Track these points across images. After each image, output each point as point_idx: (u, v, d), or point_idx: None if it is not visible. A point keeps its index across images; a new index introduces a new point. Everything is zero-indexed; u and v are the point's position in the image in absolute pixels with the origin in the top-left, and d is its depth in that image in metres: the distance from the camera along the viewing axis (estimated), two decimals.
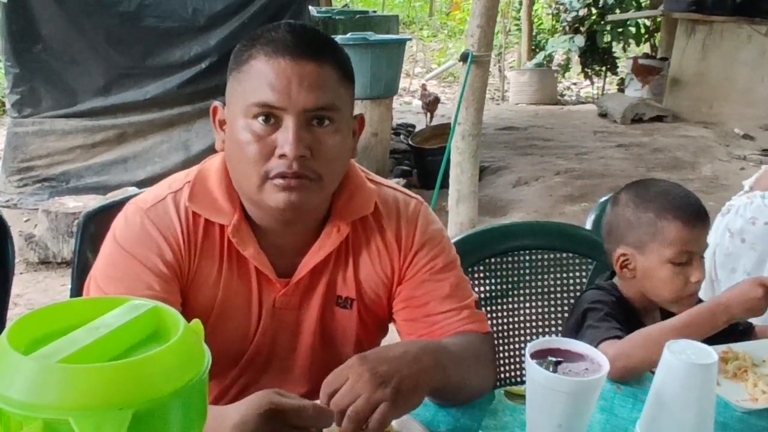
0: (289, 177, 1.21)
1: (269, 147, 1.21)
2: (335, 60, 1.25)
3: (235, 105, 1.24)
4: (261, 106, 1.20)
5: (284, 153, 1.19)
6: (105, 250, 1.32)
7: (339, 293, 1.39)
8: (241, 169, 1.25)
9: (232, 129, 1.25)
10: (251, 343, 1.39)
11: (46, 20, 5.32)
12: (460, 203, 4.44)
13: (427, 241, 1.40)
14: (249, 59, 1.23)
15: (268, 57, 1.21)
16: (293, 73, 1.19)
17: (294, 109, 1.20)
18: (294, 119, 1.20)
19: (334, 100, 1.23)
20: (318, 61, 1.21)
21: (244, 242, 1.31)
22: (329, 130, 1.24)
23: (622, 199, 1.61)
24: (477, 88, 4.30)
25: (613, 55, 10.71)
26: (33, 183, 5.45)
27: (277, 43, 1.21)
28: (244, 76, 1.23)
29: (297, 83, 1.19)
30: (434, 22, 16.65)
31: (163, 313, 0.86)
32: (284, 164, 1.20)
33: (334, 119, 1.24)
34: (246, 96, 1.22)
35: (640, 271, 1.57)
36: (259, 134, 1.21)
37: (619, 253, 1.59)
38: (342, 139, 1.26)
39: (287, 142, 1.19)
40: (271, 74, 1.20)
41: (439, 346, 1.27)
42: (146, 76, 5.47)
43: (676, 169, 6.07)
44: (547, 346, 1.22)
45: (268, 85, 1.20)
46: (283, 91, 1.19)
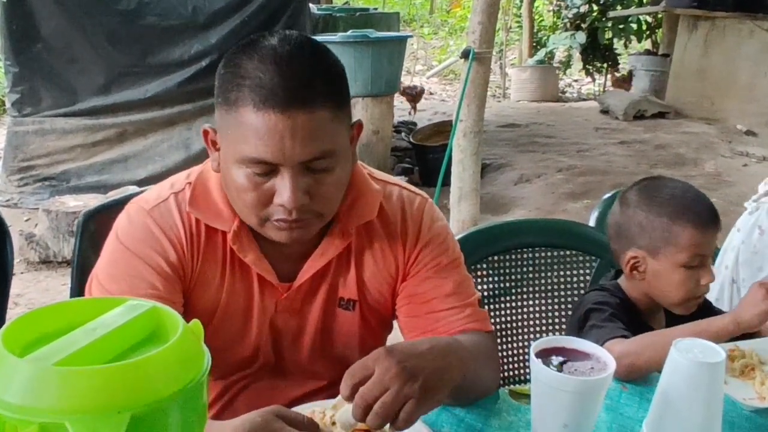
0: (289, 221, 1.20)
1: (267, 194, 1.18)
2: (329, 98, 1.16)
3: (227, 145, 1.19)
4: (254, 162, 1.16)
5: (283, 203, 1.17)
6: (107, 249, 1.30)
7: (341, 295, 1.38)
8: (239, 206, 1.24)
9: (226, 165, 1.21)
10: (253, 346, 1.37)
11: (46, 19, 5.31)
12: (462, 201, 4.43)
13: (431, 238, 1.38)
14: (237, 104, 1.15)
15: (257, 109, 1.13)
16: (285, 127, 1.12)
17: (289, 163, 1.15)
18: (289, 171, 1.16)
19: (330, 145, 1.18)
20: (310, 108, 1.13)
21: (245, 249, 1.29)
22: (327, 171, 1.20)
23: (632, 200, 1.59)
24: (478, 85, 4.28)
25: (614, 52, 10.70)
26: (33, 182, 5.44)
27: (266, 91, 1.12)
28: (234, 121, 1.16)
29: (290, 137, 1.13)
30: (435, 20, 16.63)
31: (161, 313, 0.85)
32: (284, 212, 1.18)
33: (332, 161, 1.20)
34: (237, 146, 1.16)
35: (650, 274, 1.56)
36: (256, 182, 1.18)
37: (630, 255, 1.56)
38: (340, 172, 1.23)
39: (285, 193, 1.16)
40: (263, 129, 1.13)
41: (459, 344, 1.25)
42: (146, 75, 5.46)
43: (679, 165, 6.05)
44: (553, 344, 1.21)
45: (259, 140, 1.13)
46: (275, 148, 1.13)
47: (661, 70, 8.94)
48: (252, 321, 1.35)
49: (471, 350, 1.27)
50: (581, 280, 1.94)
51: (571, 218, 4.70)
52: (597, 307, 1.52)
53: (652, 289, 1.57)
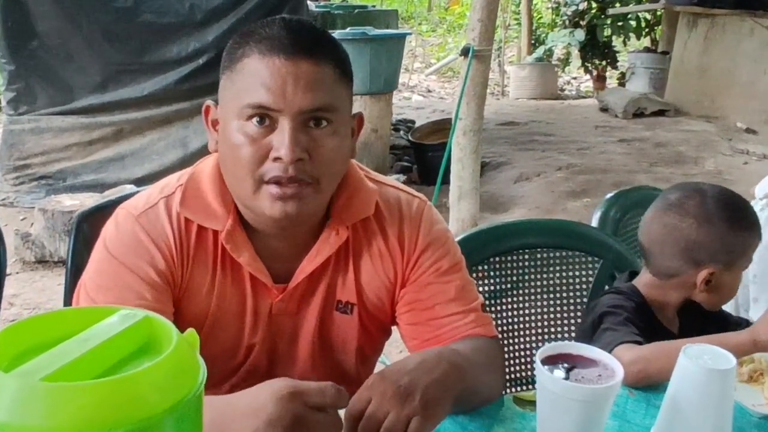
0: (284, 184, 1.16)
1: (264, 150, 1.16)
2: (333, 58, 1.19)
3: (228, 105, 1.19)
4: (255, 108, 1.15)
5: (279, 156, 1.14)
6: (95, 257, 1.27)
7: (339, 298, 1.34)
8: (234, 172, 1.20)
9: (225, 130, 1.20)
10: (248, 351, 1.34)
11: (42, 16, 5.27)
12: (462, 200, 4.40)
13: (431, 242, 1.35)
14: (242, 57, 1.17)
15: (262, 55, 1.15)
16: (289, 72, 1.14)
17: (290, 111, 1.14)
18: (290, 121, 1.14)
19: (332, 100, 1.18)
20: (315, 59, 1.15)
21: (239, 248, 1.26)
22: (327, 131, 1.18)
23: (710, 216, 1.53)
24: (478, 83, 4.26)
25: (613, 49, 10.68)
26: (29, 181, 5.40)
27: (272, 41, 1.15)
28: (237, 76, 1.17)
29: (293, 83, 1.13)
30: (433, 17, 16.61)
31: (155, 323, 0.82)
32: (280, 168, 1.15)
33: (332, 120, 1.19)
34: (239, 96, 1.16)
35: (720, 285, 1.55)
36: (253, 136, 1.16)
37: (707, 272, 1.52)
38: (340, 140, 1.21)
39: (283, 145, 1.14)
40: (266, 74, 1.14)
41: (453, 351, 1.22)
42: (143, 73, 5.42)
43: (679, 164, 6.03)
44: (558, 351, 1.18)
45: (262, 85, 1.14)
46: (278, 92, 1.13)
47: (661, 68, 8.92)
48: (245, 326, 1.31)
49: (469, 356, 1.24)
50: (583, 282, 1.92)
51: (570, 217, 4.69)
52: (612, 311, 1.50)
53: (713, 298, 1.57)
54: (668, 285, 1.58)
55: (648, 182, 5.36)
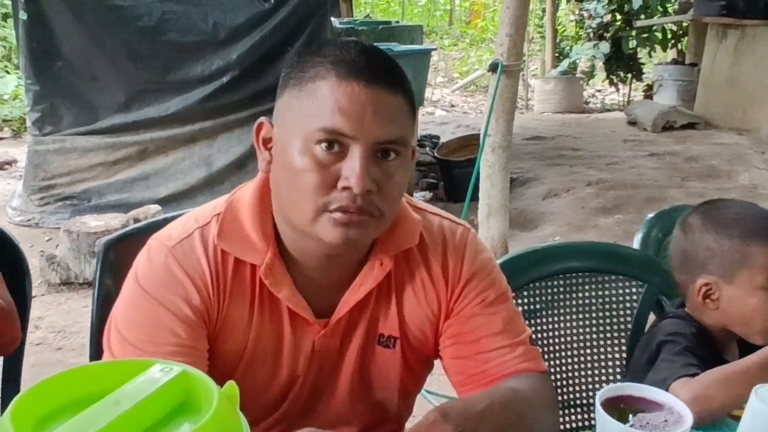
0: (351, 212, 1.09)
1: (332, 177, 1.09)
2: (406, 89, 1.14)
3: (293, 125, 1.12)
4: (329, 132, 1.08)
5: (349, 185, 1.07)
6: (126, 291, 1.20)
7: (381, 331, 1.28)
8: (293, 197, 1.13)
9: (285, 152, 1.13)
10: (287, 388, 1.27)
11: (66, 37, 5.29)
12: (491, 217, 4.32)
13: (476, 272, 1.28)
14: (315, 78, 1.10)
15: (340, 79, 1.08)
16: (368, 100, 1.08)
17: (365, 140, 1.08)
18: (363, 150, 1.08)
19: (404, 132, 1.12)
20: (392, 89, 1.11)
21: (278, 283, 1.19)
22: (396, 164, 1.12)
23: (696, 224, 1.48)
24: (507, 99, 4.19)
25: (638, 62, 10.58)
26: (54, 201, 5.40)
27: (350, 65, 1.09)
28: (308, 96, 1.10)
29: (372, 112, 1.08)
30: (454, 31, 16.60)
31: (192, 378, 0.75)
32: (348, 198, 1.08)
33: (401, 153, 1.13)
34: (310, 118, 1.09)
35: (725, 301, 1.44)
36: (322, 162, 1.09)
37: (701, 283, 1.45)
38: (405, 172, 1.15)
39: (354, 174, 1.07)
40: (343, 98, 1.08)
41: (518, 396, 1.17)
42: (167, 92, 5.41)
43: (712, 178, 5.90)
44: (620, 393, 1.11)
45: (339, 109, 1.07)
46: (356, 119, 1.07)
47: (689, 80, 8.78)
48: (282, 363, 1.25)
49: (530, 400, 1.17)
50: (627, 307, 1.83)
51: (603, 234, 4.60)
52: (671, 339, 1.41)
53: (729, 317, 1.45)
54: (695, 307, 1.50)
55: (680, 197, 5.26)
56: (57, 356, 3.62)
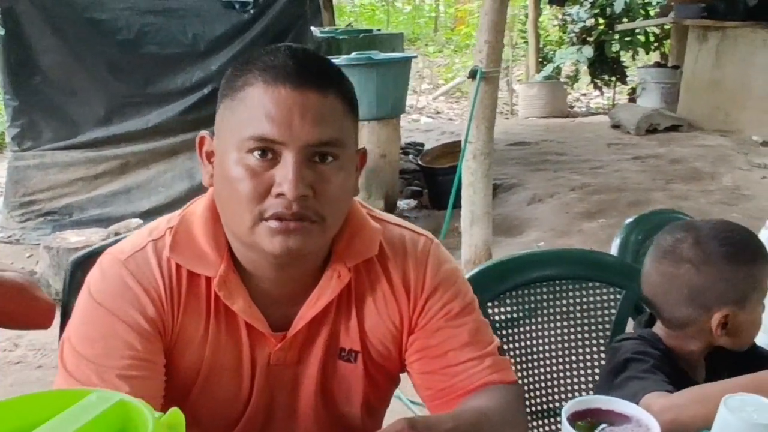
0: (287, 219, 1.07)
1: (265, 184, 1.07)
2: (340, 90, 1.12)
3: (227, 136, 1.10)
4: (258, 140, 1.06)
5: (283, 192, 1.05)
6: (79, 307, 1.18)
7: (342, 345, 1.25)
8: (231, 207, 1.12)
9: (222, 163, 1.11)
10: (246, 404, 1.25)
11: (45, 51, 5.26)
12: (474, 225, 4.29)
13: (439, 283, 1.25)
14: (244, 86, 1.09)
15: (267, 85, 1.07)
16: (295, 103, 1.06)
17: (295, 144, 1.06)
18: (294, 155, 1.06)
19: (340, 134, 1.10)
20: (322, 90, 1.08)
21: (232, 295, 1.17)
22: (333, 167, 1.10)
23: (699, 258, 1.42)
24: (487, 105, 4.17)
25: (622, 65, 10.63)
26: (35, 217, 5.36)
27: (277, 70, 1.07)
28: (239, 105, 1.09)
29: (299, 115, 1.06)
30: (439, 38, 16.64)
31: (129, 407, 0.72)
32: (282, 204, 1.06)
33: (339, 155, 1.10)
34: (241, 127, 1.08)
35: (737, 326, 1.41)
36: (255, 170, 1.07)
37: (720, 316, 1.40)
38: (346, 176, 1.13)
39: (286, 180, 1.05)
40: (270, 104, 1.06)
41: (486, 419, 1.15)
42: (148, 105, 5.39)
43: (696, 180, 5.91)
44: (587, 406, 1.08)
45: (266, 116, 1.06)
46: (283, 124, 1.05)
47: (672, 83, 8.82)
48: (242, 377, 1.22)
49: (496, 420, 1.16)
50: (606, 314, 1.82)
51: (587, 239, 4.59)
52: (637, 357, 1.38)
53: (737, 340, 1.43)
54: (685, 335, 1.46)
55: (665, 200, 5.26)
56: (37, 374, 3.57)
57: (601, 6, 10.21)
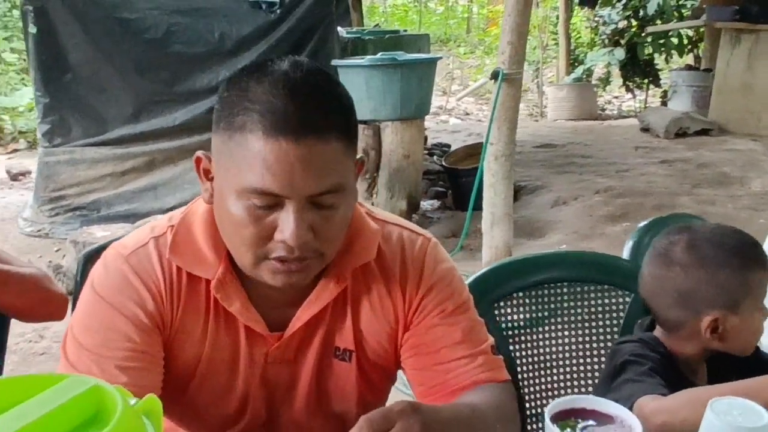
0: (289, 261, 1.09)
1: (267, 229, 1.08)
2: (341, 126, 1.08)
3: (227, 174, 1.09)
4: (259, 193, 1.06)
5: (285, 240, 1.07)
6: (83, 299, 1.21)
7: (337, 344, 1.27)
8: (234, 243, 1.13)
9: (222, 198, 1.11)
10: (244, 400, 1.27)
11: (75, 49, 5.36)
12: (495, 226, 4.29)
13: (435, 283, 1.27)
14: (243, 129, 1.05)
15: (267, 136, 1.03)
16: (296, 157, 1.03)
17: (297, 196, 1.05)
18: (295, 205, 1.06)
19: (341, 179, 1.09)
20: (324, 137, 1.05)
21: (230, 297, 1.19)
22: (334, 207, 1.10)
23: (689, 261, 1.41)
24: (509, 107, 4.16)
25: (655, 67, 10.50)
26: (64, 212, 5.46)
27: (277, 117, 1.03)
28: (237, 148, 1.06)
29: (301, 168, 1.04)
30: (472, 39, 16.58)
31: (104, 392, 0.75)
32: (284, 249, 1.08)
33: (339, 198, 1.10)
34: (240, 173, 1.06)
35: (730, 331, 1.40)
36: (257, 215, 1.07)
37: (710, 319, 1.40)
38: (346, 210, 1.13)
39: (288, 229, 1.06)
40: (271, 157, 1.03)
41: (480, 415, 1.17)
42: (175, 103, 5.47)
43: (724, 185, 5.83)
44: (571, 405, 1.09)
45: (267, 170, 1.04)
46: (284, 179, 1.04)
47: (704, 86, 8.70)
48: (238, 374, 1.25)
49: (489, 417, 1.18)
50: (614, 317, 1.81)
51: (610, 242, 4.55)
52: (635, 359, 1.38)
53: (728, 343, 1.42)
54: (679, 337, 1.46)
55: (691, 204, 5.20)
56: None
57: (634, 8, 10.10)
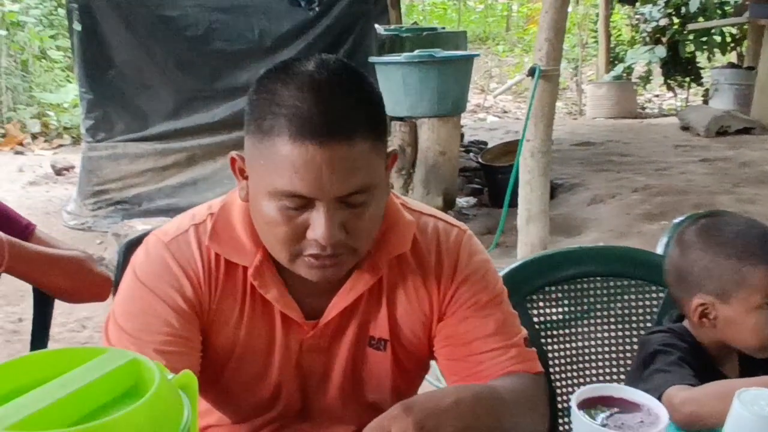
0: (323, 258, 1.12)
1: (300, 228, 1.11)
2: (368, 126, 1.10)
3: (259, 176, 1.12)
4: (289, 195, 1.09)
5: (317, 239, 1.10)
6: (124, 283, 1.25)
7: (371, 334, 1.29)
8: (269, 241, 1.16)
9: (256, 198, 1.14)
10: (278, 386, 1.30)
11: (118, 47, 5.47)
12: (530, 223, 4.27)
13: (469, 274, 1.28)
14: (271, 132, 1.07)
15: (294, 140, 1.05)
16: (323, 160, 1.05)
17: (326, 197, 1.08)
18: (325, 205, 1.09)
19: (369, 178, 1.11)
20: (350, 138, 1.07)
21: (267, 284, 1.22)
22: (365, 205, 1.13)
23: (693, 242, 1.44)
24: (546, 104, 4.14)
25: (696, 65, 10.35)
26: (107, 206, 5.58)
27: (303, 121, 1.05)
28: (267, 151, 1.09)
29: (328, 171, 1.06)
30: (511, 37, 16.49)
31: (142, 366, 0.78)
32: (317, 247, 1.11)
33: (370, 196, 1.13)
34: (271, 176, 1.09)
35: (721, 321, 1.40)
36: (289, 216, 1.10)
37: (697, 302, 1.41)
38: (377, 207, 1.15)
39: (320, 228, 1.09)
40: (299, 162, 1.06)
41: (492, 393, 1.17)
42: (215, 99, 5.54)
43: (765, 184, 5.72)
44: (598, 393, 1.10)
45: (295, 173, 1.06)
46: (313, 182, 1.06)
47: (746, 84, 8.55)
48: (273, 361, 1.27)
49: (509, 399, 1.18)
50: (647, 312, 1.81)
51: (646, 241, 4.50)
52: (664, 349, 1.38)
53: (726, 336, 1.41)
54: (692, 325, 1.47)
55: (731, 203, 5.12)
56: None
57: (675, 5, 9.97)
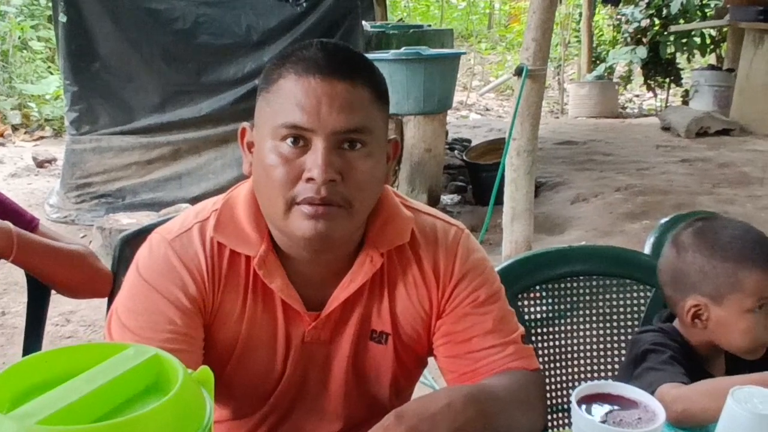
0: (316, 204, 1.14)
1: (297, 170, 1.14)
2: (369, 79, 1.18)
3: (263, 126, 1.18)
4: (289, 128, 1.14)
5: (312, 177, 1.12)
6: (127, 281, 1.27)
7: (373, 327, 1.31)
8: (266, 193, 1.19)
9: (259, 151, 1.19)
10: (279, 379, 1.32)
11: (104, 39, 5.43)
12: (515, 221, 4.31)
13: (468, 271, 1.31)
14: (278, 78, 1.17)
15: (298, 76, 1.14)
16: (323, 92, 1.13)
17: (324, 131, 1.13)
18: (323, 141, 1.13)
19: (367, 122, 1.16)
20: (350, 80, 1.15)
21: (271, 274, 1.24)
22: (361, 153, 1.16)
23: (690, 244, 1.47)
24: (532, 103, 4.18)
25: (676, 67, 10.46)
26: (90, 199, 5.54)
27: (308, 62, 1.15)
28: (273, 97, 1.17)
29: (327, 103, 1.13)
30: (493, 35, 16.53)
31: (164, 361, 0.80)
32: (312, 189, 1.13)
33: (367, 142, 1.17)
34: (274, 117, 1.16)
35: (713, 322, 1.44)
36: (287, 157, 1.14)
37: (691, 303, 1.45)
38: (374, 163, 1.19)
39: (315, 166, 1.12)
40: (301, 94, 1.14)
41: (484, 392, 1.19)
42: (201, 93, 5.52)
43: (743, 185, 5.81)
44: (597, 390, 1.12)
45: (297, 105, 1.13)
46: (312, 112, 1.13)
47: (726, 86, 8.66)
48: (276, 353, 1.29)
49: (503, 397, 1.20)
50: (635, 311, 1.84)
51: (629, 240, 4.56)
52: (655, 348, 1.41)
53: (717, 336, 1.45)
54: (684, 325, 1.50)
55: (711, 204, 5.20)
56: None
57: (657, 6, 10.07)
